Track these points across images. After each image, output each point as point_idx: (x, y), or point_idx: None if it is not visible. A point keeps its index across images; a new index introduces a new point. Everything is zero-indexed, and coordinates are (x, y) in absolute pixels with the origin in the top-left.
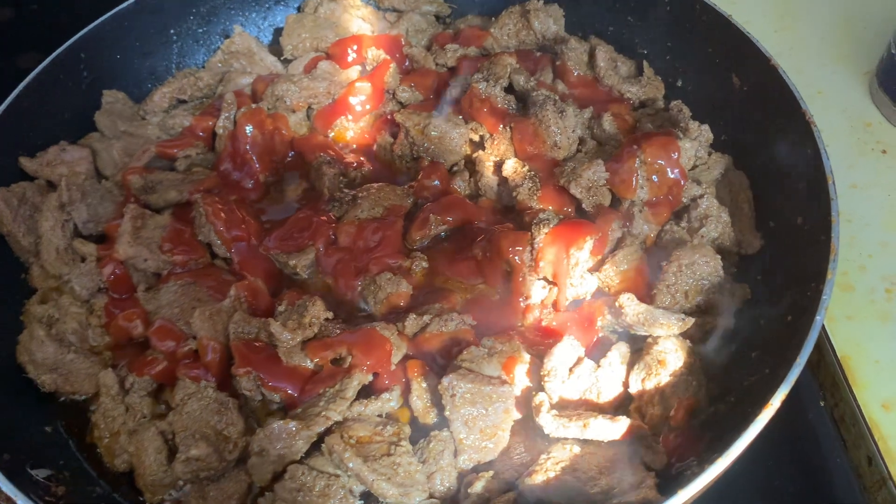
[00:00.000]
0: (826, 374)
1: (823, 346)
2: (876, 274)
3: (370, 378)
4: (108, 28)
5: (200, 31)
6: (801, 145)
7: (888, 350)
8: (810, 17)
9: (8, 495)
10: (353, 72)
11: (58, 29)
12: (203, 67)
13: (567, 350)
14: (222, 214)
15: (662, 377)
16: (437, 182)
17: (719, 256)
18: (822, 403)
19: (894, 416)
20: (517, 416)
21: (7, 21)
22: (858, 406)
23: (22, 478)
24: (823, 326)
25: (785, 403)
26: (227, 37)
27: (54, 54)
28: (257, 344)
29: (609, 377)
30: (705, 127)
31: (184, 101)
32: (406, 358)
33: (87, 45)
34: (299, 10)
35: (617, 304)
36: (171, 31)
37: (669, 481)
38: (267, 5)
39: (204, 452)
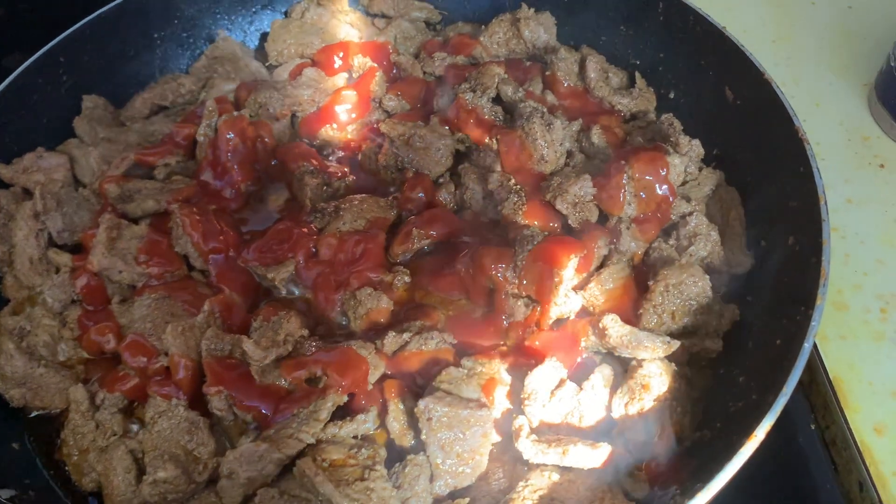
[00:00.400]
0: (818, 396)
1: (815, 367)
2: (871, 292)
3: (345, 399)
4: (90, 31)
5: (185, 35)
6: (794, 163)
7: (882, 371)
8: (809, 27)
9: None
10: (340, 79)
11: (49, 30)
12: (187, 73)
13: (549, 372)
14: (200, 225)
15: (646, 402)
16: (421, 194)
17: (708, 277)
18: (812, 426)
19: (887, 440)
20: (496, 439)
21: None
22: (850, 429)
23: None
24: (816, 346)
25: (775, 426)
26: (213, 41)
27: (33, 58)
28: (230, 361)
29: (591, 401)
30: (696, 142)
31: (165, 108)
32: (384, 377)
33: (67, 49)
34: (286, 14)
35: (601, 325)
36: (155, 36)
37: None
38: (253, 9)
39: (172, 475)
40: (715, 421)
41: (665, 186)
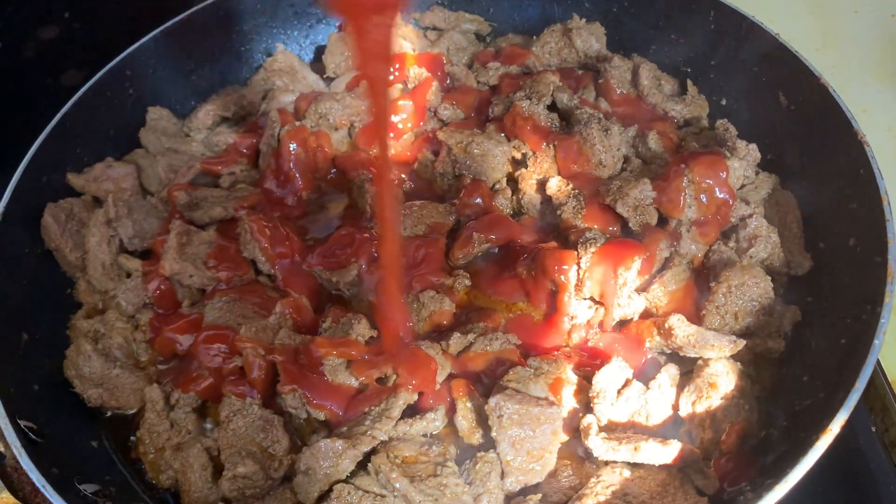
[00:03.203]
0: (876, 398)
1: (874, 371)
2: None
3: (416, 397)
4: (153, 46)
5: (243, 49)
6: (853, 165)
7: None
8: (853, 36)
9: None
10: (395, 90)
11: (99, 47)
12: (245, 85)
13: (615, 372)
14: (267, 231)
15: (714, 400)
16: (479, 200)
17: (769, 278)
18: (873, 429)
19: None
20: (564, 438)
21: (51, 39)
22: None
23: (71, 493)
24: None
25: None
26: (270, 55)
27: (102, 72)
28: (303, 361)
29: (658, 400)
30: (753, 146)
31: (227, 119)
32: (450, 377)
33: (132, 63)
34: (340, 28)
35: (667, 325)
36: (214, 49)
37: None
38: (309, 23)
39: (251, 470)
40: (780, 420)
41: (725, 189)
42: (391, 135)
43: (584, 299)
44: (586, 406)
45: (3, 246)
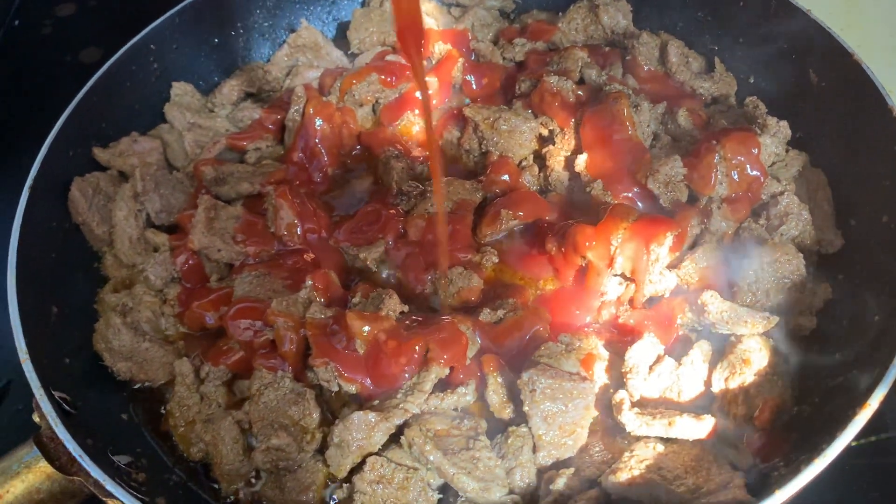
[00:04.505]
0: None
1: None
2: None
3: (447, 371)
4: (177, 21)
5: (266, 24)
6: (886, 141)
7: None
8: (879, 14)
9: (97, 481)
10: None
11: (117, 24)
12: (268, 61)
13: (647, 347)
14: (296, 206)
15: (747, 376)
16: (506, 177)
17: (801, 255)
18: None
19: None
20: (595, 413)
21: (69, 17)
22: None
23: (106, 463)
24: None
25: None
26: (293, 31)
27: (126, 46)
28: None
29: (691, 376)
30: (784, 123)
31: (251, 94)
32: (480, 352)
33: (156, 38)
34: (363, 3)
35: (700, 301)
36: (238, 25)
37: (757, 481)
38: None
39: (284, 442)
40: (813, 396)
41: (756, 166)
42: (416, 111)
43: (615, 276)
44: (618, 382)
45: (30, 219)
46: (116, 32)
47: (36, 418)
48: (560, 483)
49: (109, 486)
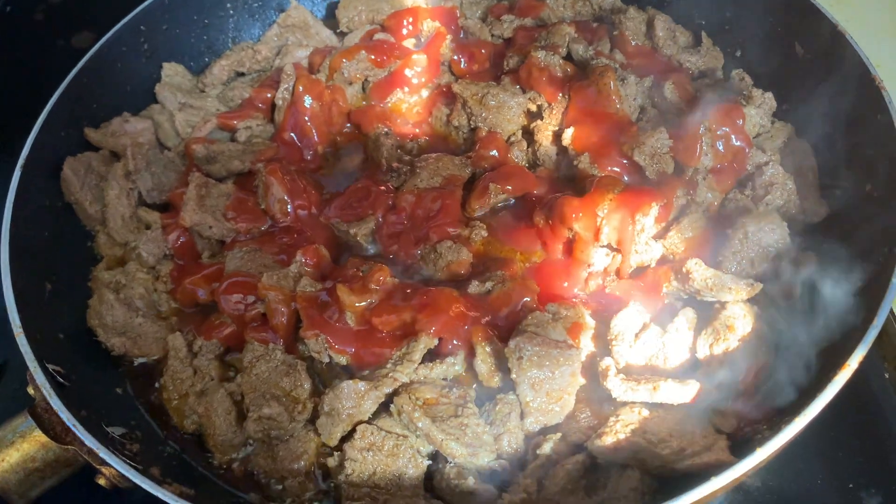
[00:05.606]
0: (889, 347)
1: (887, 319)
2: None
3: (436, 342)
4: (167, 2)
5: (256, 5)
6: (870, 112)
7: None
8: None
9: (91, 449)
10: (409, 44)
11: (109, 8)
12: (259, 41)
13: (633, 315)
14: (286, 183)
15: (731, 342)
16: (494, 152)
17: (786, 224)
18: (886, 376)
19: None
20: (582, 381)
21: (61, 2)
22: None
23: (100, 433)
24: None
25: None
26: (282, 10)
27: (117, 26)
28: (325, 306)
29: (676, 343)
30: (769, 94)
31: (242, 74)
32: (470, 323)
33: (146, 19)
34: None
35: (684, 269)
36: (228, 5)
37: (740, 444)
38: None
39: (276, 411)
40: (798, 361)
41: (741, 137)
42: (405, 88)
43: (602, 247)
44: (604, 350)
45: (23, 198)
46: (108, 17)
47: (31, 391)
48: (547, 448)
49: (103, 453)
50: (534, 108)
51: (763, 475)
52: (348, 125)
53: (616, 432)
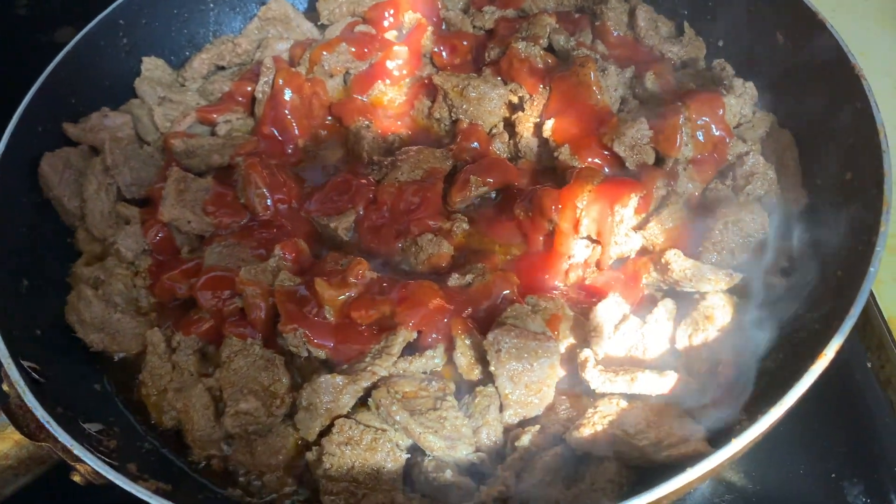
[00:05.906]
0: (872, 337)
1: (870, 308)
2: None
3: (415, 335)
4: None
5: None
6: (850, 100)
7: None
8: None
9: (65, 446)
10: (390, 36)
11: (91, 4)
12: (240, 34)
13: (612, 307)
14: (266, 177)
15: (710, 333)
16: (476, 144)
17: (766, 213)
18: (868, 365)
19: None
20: (561, 373)
21: None
22: None
23: (76, 430)
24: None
25: (832, 365)
26: (263, 3)
27: (94, 21)
28: (303, 301)
29: (655, 333)
30: (750, 84)
31: (222, 68)
32: (450, 316)
33: (125, 11)
34: None
35: (663, 259)
36: None
37: (718, 435)
38: None
39: (253, 406)
40: (778, 352)
41: (721, 127)
42: (387, 80)
43: (582, 238)
44: (584, 342)
45: (0, 193)
46: (91, 13)
47: (5, 387)
48: (525, 440)
49: (77, 450)
50: (515, 99)
51: (745, 465)
52: (329, 118)
53: (594, 424)
